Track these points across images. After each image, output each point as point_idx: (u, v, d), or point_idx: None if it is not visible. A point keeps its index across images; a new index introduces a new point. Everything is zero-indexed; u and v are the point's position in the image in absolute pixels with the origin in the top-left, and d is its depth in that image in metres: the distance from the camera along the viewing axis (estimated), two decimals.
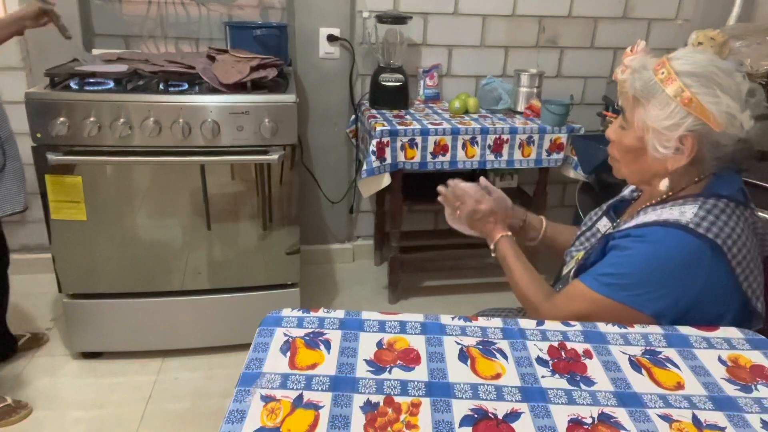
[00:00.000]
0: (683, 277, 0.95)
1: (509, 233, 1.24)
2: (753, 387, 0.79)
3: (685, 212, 0.97)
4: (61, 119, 1.69)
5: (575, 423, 0.71)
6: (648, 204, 1.06)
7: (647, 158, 1.02)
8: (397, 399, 0.73)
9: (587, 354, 0.84)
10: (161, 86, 1.81)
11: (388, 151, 2.15)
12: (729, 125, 0.94)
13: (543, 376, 0.79)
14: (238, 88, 1.81)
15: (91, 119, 1.70)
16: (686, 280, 0.95)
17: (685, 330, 0.91)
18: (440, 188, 1.34)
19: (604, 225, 1.20)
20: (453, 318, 0.91)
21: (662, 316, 0.95)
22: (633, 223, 1.03)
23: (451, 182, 1.33)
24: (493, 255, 1.25)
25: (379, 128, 2.12)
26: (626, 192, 1.25)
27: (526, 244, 1.41)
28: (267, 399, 0.72)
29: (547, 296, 1.10)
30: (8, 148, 1.70)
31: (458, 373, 0.79)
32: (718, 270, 0.95)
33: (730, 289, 0.96)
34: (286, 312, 0.89)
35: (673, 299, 0.95)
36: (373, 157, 2.13)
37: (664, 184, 1.03)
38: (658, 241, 0.96)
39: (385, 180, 2.21)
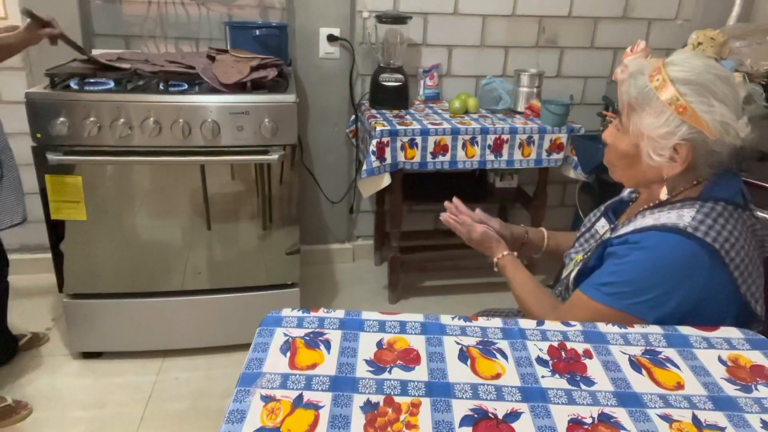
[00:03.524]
0: (683, 281, 0.94)
1: (508, 252, 1.27)
2: (753, 387, 0.79)
3: (683, 216, 0.97)
4: (61, 119, 1.69)
5: (575, 423, 0.71)
6: (646, 207, 1.06)
7: (642, 165, 1.02)
8: (397, 399, 0.73)
9: (587, 354, 0.84)
10: (161, 86, 1.81)
11: (388, 151, 2.15)
12: (724, 134, 0.93)
13: (543, 376, 0.79)
14: (238, 88, 1.81)
15: (91, 119, 1.70)
16: (686, 284, 0.94)
17: (685, 330, 0.91)
18: (445, 212, 1.37)
19: (602, 226, 1.20)
20: (453, 318, 0.91)
21: (664, 323, 0.95)
22: (630, 227, 1.03)
23: (443, 215, 1.36)
24: (495, 270, 1.28)
25: (379, 128, 2.12)
26: (625, 193, 1.25)
27: (531, 256, 1.44)
28: (267, 399, 0.72)
29: (551, 308, 1.11)
30: (5, 158, 1.70)
31: (458, 373, 0.79)
32: (716, 274, 0.94)
33: (729, 293, 0.96)
34: (286, 312, 0.89)
35: (675, 304, 0.95)
36: (373, 157, 2.13)
37: (664, 194, 1.02)
38: (655, 247, 0.96)
39: (385, 180, 2.21)
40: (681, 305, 0.95)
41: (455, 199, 1.38)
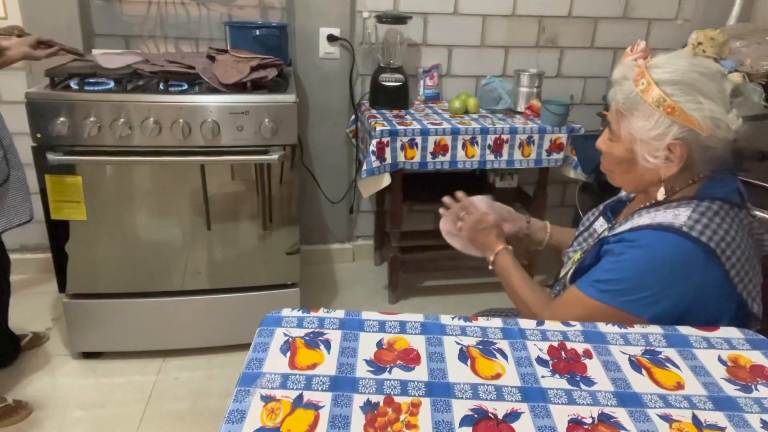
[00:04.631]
0: (678, 280, 0.95)
1: (509, 246, 1.27)
2: (753, 387, 0.79)
3: (679, 215, 0.97)
4: (61, 119, 1.69)
5: (575, 423, 0.71)
6: (643, 206, 1.06)
7: (639, 168, 1.03)
8: (397, 399, 0.73)
9: (587, 354, 0.84)
10: (161, 86, 1.81)
11: (388, 151, 2.15)
12: (715, 128, 0.93)
13: (543, 376, 0.79)
14: (238, 88, 1.81)
15: (91, 119, 1.70)
16: (682, 283, 0.95)
17: (685, 330, 0.91)
18: (445, 198, 1.37)
19: (600, 225, 1.21)
20: (453, 318, 0.91)
21: (660, 320, 0.95)
22: (627, 226, 1.03)
23: (459, 194, 1.36)
24: (490, 268, 1.28)
25: (379, 128, 2.12)
26: (623, 193, 1.25)
27: (533, 249, 1.44)
28: (267, 399, 0.72)
29: (545, 304, 1.11)
30: (11, 157, 1.71)
31: (458, 373, 0.79)
32: (712, 273, 0.94)
33: (726, 292, 0.96)
34: (286, 312, 0.89)
35: (671, 303, 0.95)
36: (373, 157, 2.13)
37: (661, 194, 1.03)
38: (651, 245, 0.96)
39: (385, 180, 2.21)
40: (677, 303, 0.95)
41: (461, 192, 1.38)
